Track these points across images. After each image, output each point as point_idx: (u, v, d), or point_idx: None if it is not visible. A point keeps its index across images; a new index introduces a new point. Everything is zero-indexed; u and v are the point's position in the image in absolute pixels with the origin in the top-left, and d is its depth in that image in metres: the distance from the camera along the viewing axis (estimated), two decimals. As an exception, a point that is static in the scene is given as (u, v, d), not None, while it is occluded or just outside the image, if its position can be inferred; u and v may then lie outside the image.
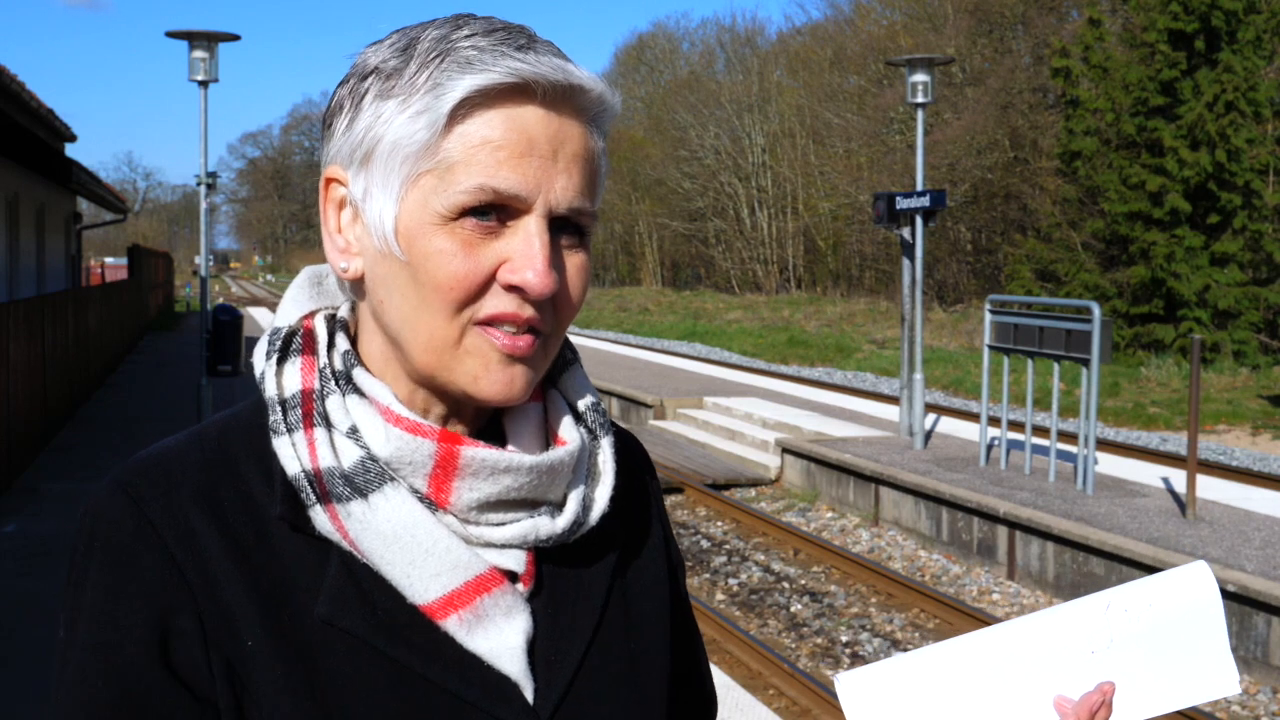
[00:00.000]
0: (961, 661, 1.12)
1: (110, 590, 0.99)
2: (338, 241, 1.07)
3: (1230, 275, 24.76)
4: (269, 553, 1.02)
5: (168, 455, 1.05)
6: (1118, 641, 1.14)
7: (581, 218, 1.03)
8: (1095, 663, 1.13)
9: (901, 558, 11.57)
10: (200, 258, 15.35)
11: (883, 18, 44.25)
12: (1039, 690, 1.12)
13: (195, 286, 53.32)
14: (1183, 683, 1.15)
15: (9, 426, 11.83)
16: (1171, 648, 1.15)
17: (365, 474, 1.01)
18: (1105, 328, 10.95)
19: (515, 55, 0.99)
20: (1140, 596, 1.16)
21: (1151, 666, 1.14)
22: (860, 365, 26.96)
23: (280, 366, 1.07)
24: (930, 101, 14.56)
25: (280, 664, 0.99)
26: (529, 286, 0.99)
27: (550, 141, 1.00)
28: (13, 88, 17.55)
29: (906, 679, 1.11)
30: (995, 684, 1.12)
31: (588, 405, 1.15)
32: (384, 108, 1.01)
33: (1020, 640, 1.13)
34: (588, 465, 1.12)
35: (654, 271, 57.40)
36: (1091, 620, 1.15)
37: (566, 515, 1.08)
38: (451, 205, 0.99)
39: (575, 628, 1.08)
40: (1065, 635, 1.14)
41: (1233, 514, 10.56)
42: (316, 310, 1.12)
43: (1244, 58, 24.51)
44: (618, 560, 1.15)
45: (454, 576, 1.02)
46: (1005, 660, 1.12)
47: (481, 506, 1.04)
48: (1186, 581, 1.17)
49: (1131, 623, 1.15)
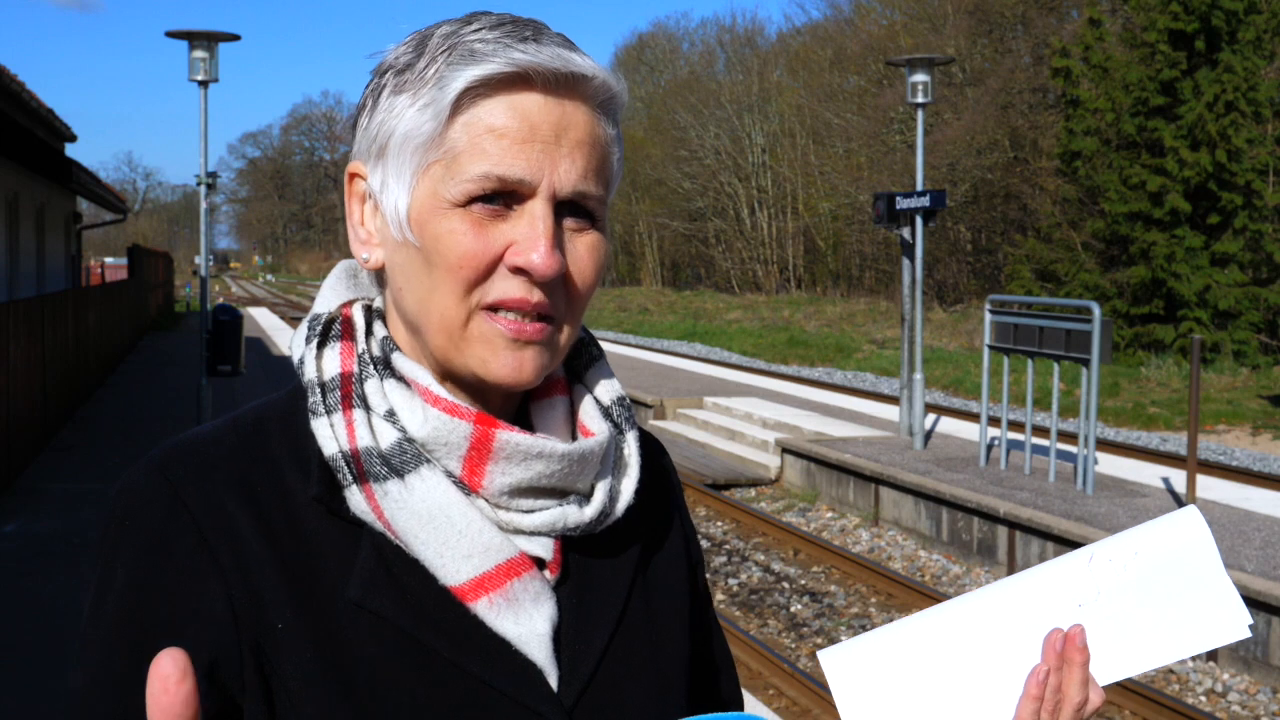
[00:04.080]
0: (946, 628, 1.09)
1: (142, 571, 1.00)
2: (360, 234, 1.11)
3: (1230, 275, 24.76)
4: (301, 537, 1.03)
5: (203, 440, 1.07)
6: (1105, 593, 1.10)
7: (588, 201, 1.05)
8: (1083, 615, 1.10)
9: (901, 558, 11.57)
10: (200, 258, 15.35)
11: (883, 18, 44.27)
12: (1028, 649, 1.09)
13: (195, 286, 53.31)
14: (1186, 629, 1.10)
15: (9, 426, 11.83)
16: (1168, 595, 1.10)
17: (402, 455, 1.04)
18: (1105, 328, 10.95)
19: (517, 47, 1.02)
20: (1126, 546, 1.11)
21: (1148, 616, 1.10)
22: (860, 365, 26.97)
23: (320, 351, 1.10)
24: (930, 101, 14.56)
25: (310, 646, 1.00)
26: (533, 268, 1.01)
27: (553, 127, 1.03)
28: (13, 88, 17.55)
29: (891, 650, 1.09)
30: (982, 647, 1.09)
31: (614, 399, 1.17)
32: (396, 102, 1.05)
33: (1005, 601, 1.10)
34: (614, 457, 1.14)
35: (654, 271, 57.39)
36: (1075, 575, 1.11)
37: (594, 505, 1.10)
38: (459, 193, 1.02)
39: (600, 617, 1.10)
40: (1050, 592, 1.10)
41: (1233, 514, 10.56)
42: (354, 300, 1.15)
43: (1244, 58, 24.51)
44: (641, 552, 1.17)
45: (486, 559, 1.04)
46: (991, 623, 1.10)
47: (513, 492, 1.06)
48: (1175, 528, 1.12)
49: (1118, 573, 1.10)
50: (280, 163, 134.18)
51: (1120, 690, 7.64)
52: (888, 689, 1.08)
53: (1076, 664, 1.07)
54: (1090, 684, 1.08)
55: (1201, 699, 8.11)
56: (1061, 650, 1.08)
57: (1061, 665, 1.07)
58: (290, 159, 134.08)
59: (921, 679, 1.08)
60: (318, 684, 1.00)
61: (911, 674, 1.08)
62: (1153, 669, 1.11)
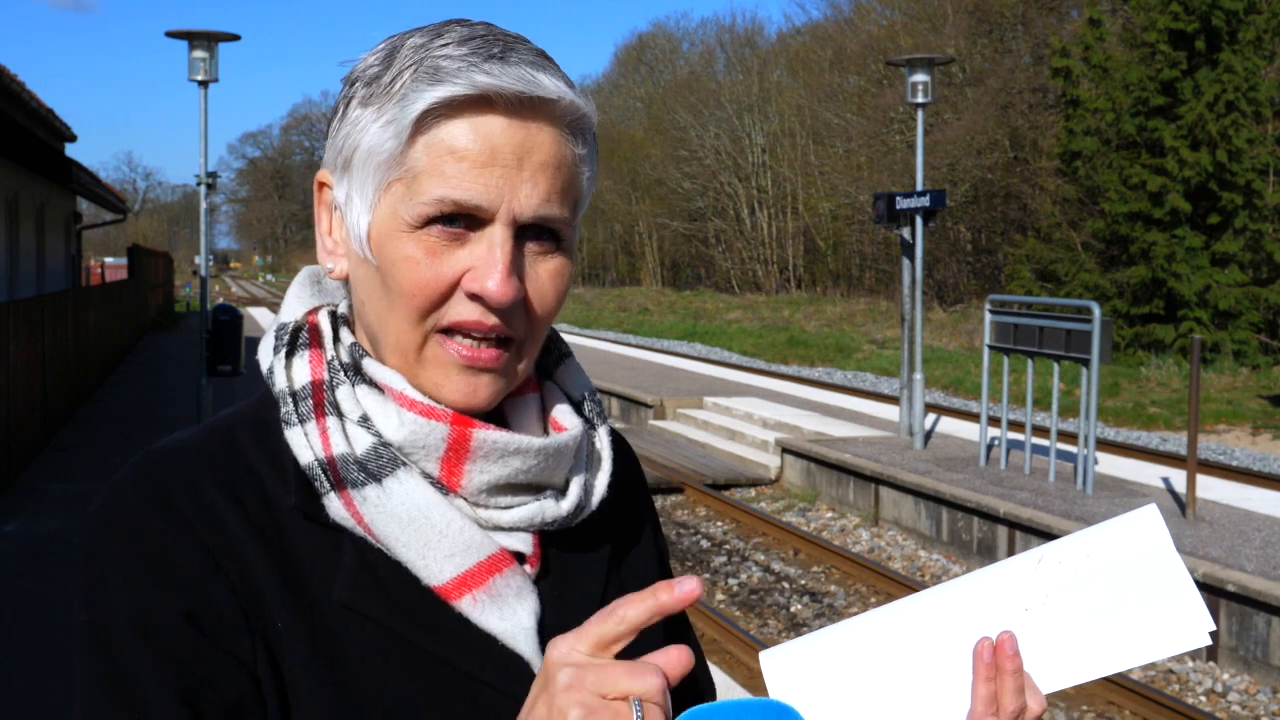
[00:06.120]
0: (888, 630, 1.06)
1: (145, 580, 0.99)
2: (326, 243, 1.12)
3: (1231, 275, 24.76)
4: (286, 541, 1.03)
5: (185, 446, 1.07)
6: (1054, 596, 1.05)
7: (551, 223, 1.05)
8: (1030, 620, 1.05)
9: (901, 558, 11.57)
10: (200, 258, 15.35)
11: (883, 18, 44.27)
12: (968, 655, 1.05)
13: (195, 286, 53.33)
14: (1141, 635, 1.04)
15: (9, 426, 11.83)
16: (1122, 598, 1.05)
17: (378, 459, 1.04)
18: (1105, 328, 10.95)
19: (481, 67, 1.00)
20: (1078, 548, 1.07)
21: (1099, 620, 1.05)
22: (860, 365, 26.96)
23: (289, 360, 1.10)
24: (930, 101, 14.56)
25: (308, 646, 1.01)
26: (488, 295, 1.01)
27: (515, 150, 1.01)
28: (13, 88, 17.55)
29: (832, 652, 1.06)
30: (923, 650, 1.05)
31: (584, 395, 1.18)
32: (362, 115, 1.05)
33: (949, 603, 1.07)
34: (587, 452, 1.15)
35: (654, 271, 57.39)
36: (1023, 577, 1.06)
37: (570, 499, 1.11)
38: (416, 215, 1.02)
39: (580, 608, 1.10)
40: (996, 595, 1.06)
41: (1233, 514, 10.56)
42: (320, 306, 1.15)
43: (1244, 58, 24.51)
44: (614, 544, 1.18)
45: (467, 557, 1.04)
46: (933, 625, 1.06)
47: (491, 489, 1.06)
48: (1130, 529, 1.08)
49: (1068, 575, 1.06)
50: (280, 163, 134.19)
51: (1120, 690, 7.65)
52: (826, 693, 1.05)
53: (1008, 672, 1.03)
54: (1029, 691, 1.04)
55: (1201, 699, 8.11)
56: (991, 660, 1.03)
57: (993, 675, 1.03)
58: (290, 159, 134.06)
59: (860, 683, 1.05)
60: (317, 683, 1.00)
61: (850, 677, 1.05)
62: (1104, 676, 1.07)
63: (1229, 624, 8.54)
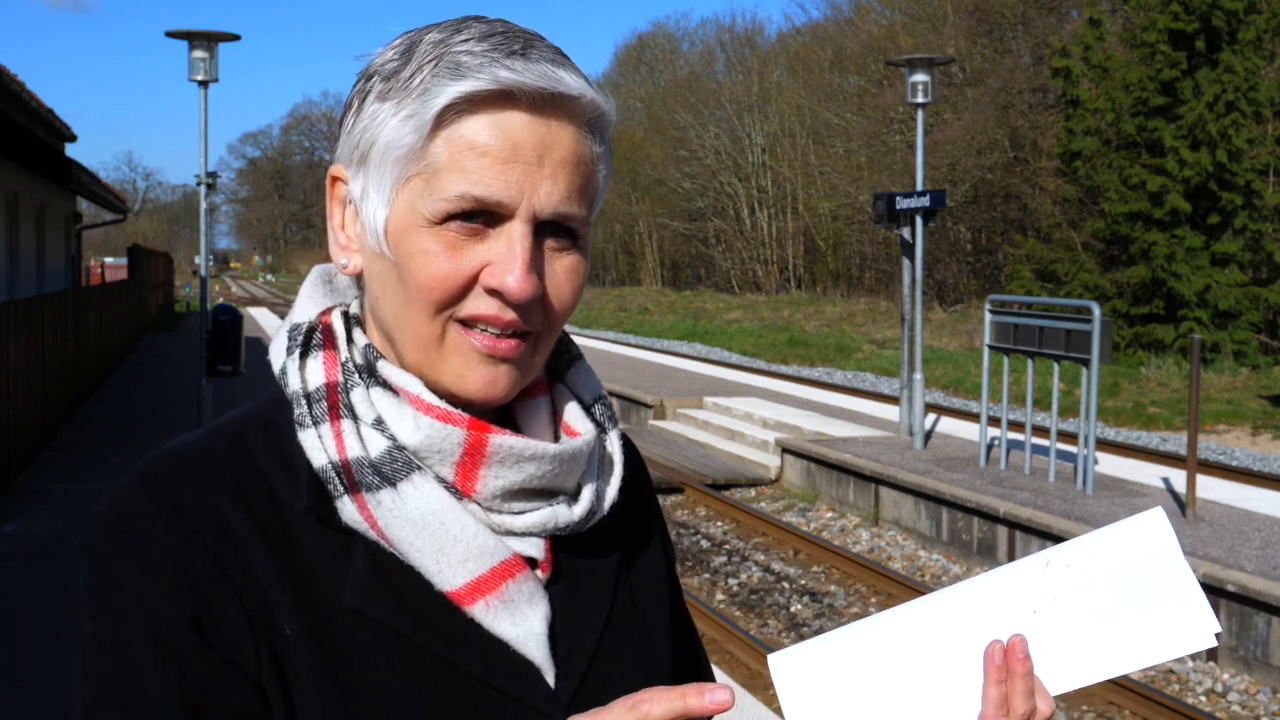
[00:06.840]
0: (897, 633, 1.07)
1: (151, 584, 0.99)
2: (339, 238, 1.10)
3: (1230, 275, 24.76)
4: (295, 545, 1.03)
5: (191, 449, 1.06)
6: (1062, 598, 1.07)
7: (570, 221, 1.05)
8: (1038, 622, 1.06)
9: (901, 558, 11.57)
10: (200, 258, 15.35)
11: (883, 18, 44.25)
12: (977, 658, 1.07)
13: (195, 286, 53.31)
14: (1148, 637, 1.06)
15: (9, 426, 11.83)
16: (1129, 601, 1.07)
17: (393, 463, 1.03)
18: (1105, 328, 10.96)
19: (504, 63, 1.00)
20: (1085, 550, 1.08)
21: (1106, 622, 1.07)
22: (860, 365, 26.97)
23: (303, 362, 1.09)
24: (930, 101, 14.56)
25: (316, 651, 1.00)
26: (508, 291, 1.01)
27: (536, 147, 1.01)
28: (13, 88, 17.55)
29: (841, 655, 1.07)
30: (932, 653, 1.06)
31: (595, 399, 1.18)
32: (380, 109, 1.04)
33: (958, 606, 1.08)
34: (599, 456, 1.15)
35: (654, 271, 57.38)
36: (1031, 579, 1.08)
37: (582, 504, 1.11)
38: (435, 211, 1.01)
39: (591, 614, 1.11)
40: (1004, 597, 1.07)
41: (1233, 514, 10.56)
42: (332, 306, 1.14)
43: (1244, 58, 24.50)
44: (624, 548, 1.18)
45: (481, 562, 1.04)
46: (942, 628, 1.07)
47: (504, 495, 1.06)
48: (1136, 531, 1.08)
49: (1075, 577, 1.07)
50: (280, 163, 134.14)
51: (1120, 690, 7.65)
52: (835, 696, 1.06)
53: (1019, 675, 1.04)
54: (1039, 693, 1.05)
55: (1201, 699, 8.11)
56: (1002, 663, 1.05)
57: (1004, 678, 1.05)
58: (290, 159, 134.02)
59: (869, 687, 1.06)
60: (326, 688, 1.00)
61: (860, 681, 1.06)
62: (1111, 678, 1.08)
63: (1229, 624, 8.54)
